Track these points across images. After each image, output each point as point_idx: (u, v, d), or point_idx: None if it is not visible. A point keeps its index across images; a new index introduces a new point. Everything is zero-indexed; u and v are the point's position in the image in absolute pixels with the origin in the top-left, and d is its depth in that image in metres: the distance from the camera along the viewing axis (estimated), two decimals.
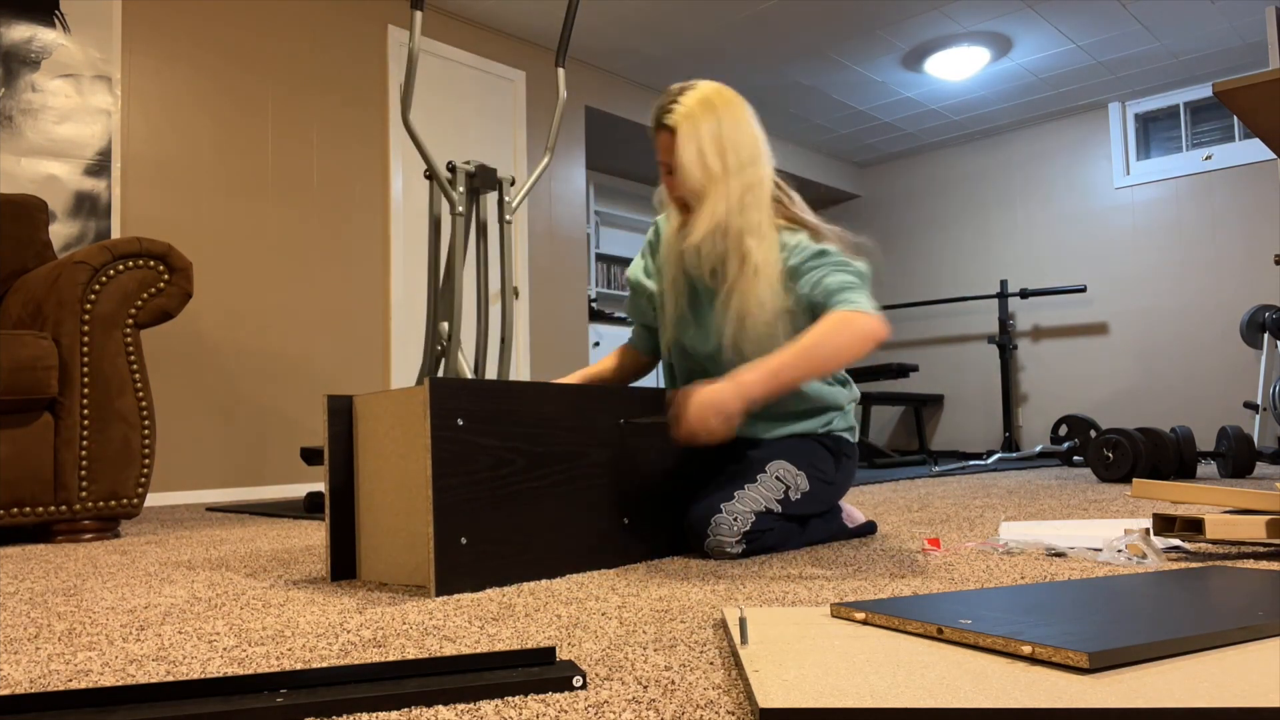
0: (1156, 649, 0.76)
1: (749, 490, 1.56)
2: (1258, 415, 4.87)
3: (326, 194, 3.96)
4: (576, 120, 5.08)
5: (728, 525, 1.51)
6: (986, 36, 4.92)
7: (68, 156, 3.24)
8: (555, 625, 1.04)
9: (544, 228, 4.86)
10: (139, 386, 2.22)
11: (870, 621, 0.92)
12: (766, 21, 4.69)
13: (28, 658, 0.95)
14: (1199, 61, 5.34)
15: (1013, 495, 2.82)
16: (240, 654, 0.94)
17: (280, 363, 3.77)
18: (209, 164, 3.62)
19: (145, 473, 2.22)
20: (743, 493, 1.55)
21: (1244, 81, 1.50)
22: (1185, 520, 1.47)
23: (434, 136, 4.36)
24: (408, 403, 1.34)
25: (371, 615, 1.13)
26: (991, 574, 1.34)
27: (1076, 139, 6.14)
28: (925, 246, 6.89)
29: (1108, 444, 3.48)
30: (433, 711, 0.71)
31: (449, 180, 2.42)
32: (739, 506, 1.53)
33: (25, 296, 2.27)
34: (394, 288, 4.14)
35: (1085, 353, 6.05)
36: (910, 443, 6.90)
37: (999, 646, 0.78)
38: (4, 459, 2.03)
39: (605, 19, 4.62)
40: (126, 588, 1.40)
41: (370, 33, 4.18)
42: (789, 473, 1.61)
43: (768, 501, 1.56)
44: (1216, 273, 5.55)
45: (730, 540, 1.51)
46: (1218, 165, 5.56)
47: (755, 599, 1.16)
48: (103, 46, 3.35)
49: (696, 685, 0.77)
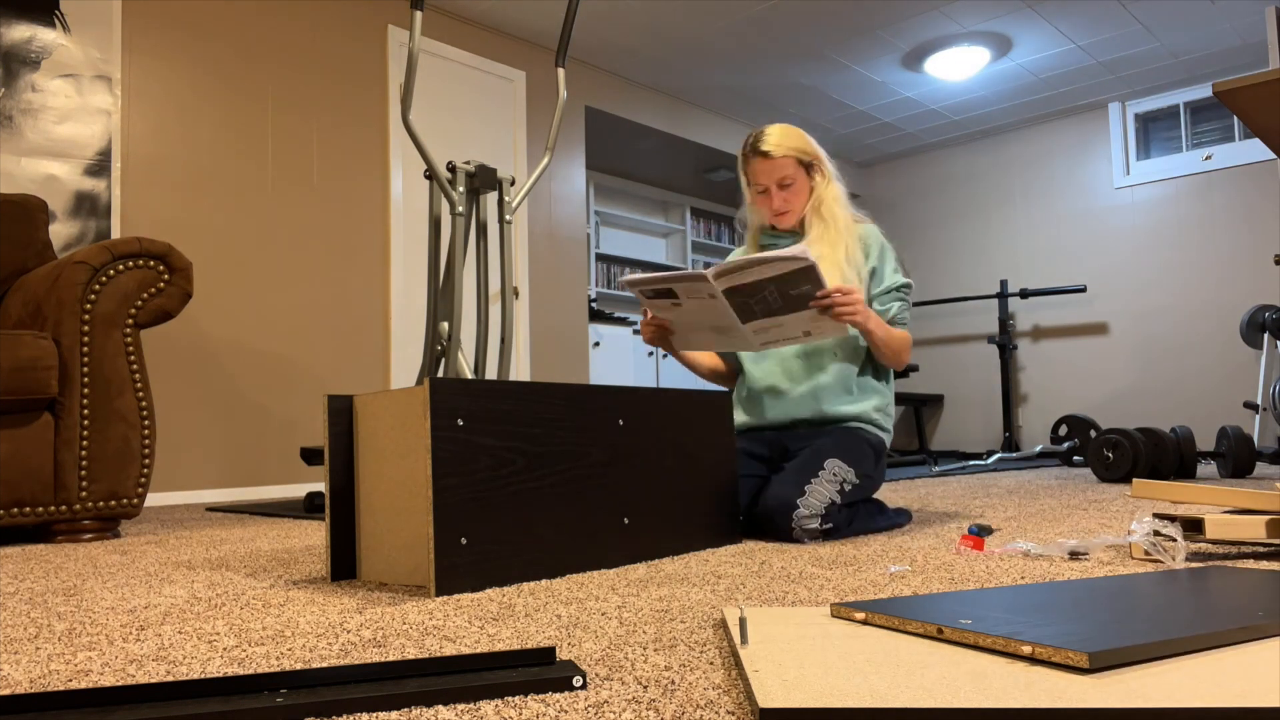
0: (1156, 649, 0.76)
1: (815, 484, 1.78)
2: (1258, 415, 4.87)
3: (326, 194, 3.96)
4: (576, 120, 5.08)
5: (809, 511, 1.74)
6: (986, 36, 4.92)
7: (68, 156, 3.24)
8: (555, 625, 1.04)
9: (544, 228, 4.86)
10: (139, 386, 2.22)
11: (870, 621, 0.92)
12: (766, 21, 4.69)
13: (28, 658, 0.95)
14: (1199, 61, 5.34)
15: (1013, 495, 2.82)
16: (240, 654, 0.94)
17: (280, 363, 3.77)
18: (209, 164, 3.62)
19: (145, 473, 2.22)
20: (812, 486, 1.78)
21: (1244, 81, 1.49)
22: (1185, 520, 1.47)
23: (434, 136, 4.36)
24: (408, 403, 1.34)
25: (371, 615, 1.13)
26: (991, 574, 1.34)
27: (1076, 139, 6.14)
28: (925, 246, 6.89)
29: (1108, 444, 3.48)
30: (433, 711, 0.71)
31: (449, 180, 2.42)
32: (813, 500, 1.76)
33: (25, 296, 2.27)
34: (394, 288, 4.14)
35: (1085, 353, 6.05)
36: (910, 442, 6.90)
37: (999, 646, 0.78)
38: (4, 459, 2.03)
39: (605, 19, 4.62)
40: (126, 588, 1.40)
41: (370, 33, 4.18)
42: (843, 468, 1.85)
43: (831, 493, 1.79)
44: (1216, 273, 5.55)
45: (814, 524, 1.73)
46: (1218, 165, 5.56)
47: (755, 599, 1.16)
48: (103, 46, 3.35)
49: (696, 685, 0.77)
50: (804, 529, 1.73)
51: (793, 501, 1.75)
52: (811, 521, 1.73)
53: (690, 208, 7.23)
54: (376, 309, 4.10)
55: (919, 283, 6.91)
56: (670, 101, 5.68)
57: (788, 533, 1.74)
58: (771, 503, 1.77)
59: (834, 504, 1.79)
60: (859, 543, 1.73)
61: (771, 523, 1.76)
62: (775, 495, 1.77)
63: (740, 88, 5.59)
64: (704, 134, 5.89)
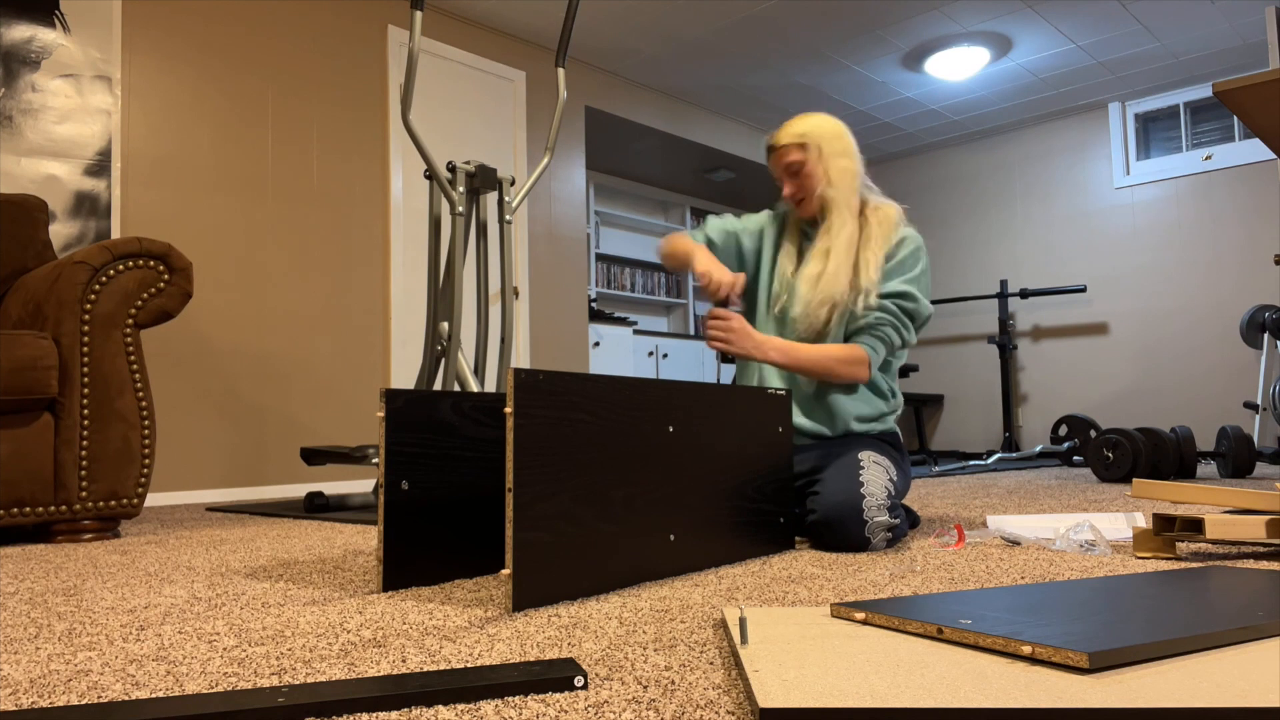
0: (1156, 649, 0.76)
1: (864, 477, 1.64)
2: (1258, 415, 4.87)
3: (326, 194, 3.96)
4: (576, 120, 5.08)
5: (877, 502, 1.59)
6: (986, 36, 4.92)
7: (68, 156, 3.24)
8: (555, 625, 1.04)
9: (544, 228, 4.86)
10: (139, 386, 2.22)
11: (870, 621, 0.92)
12: (766, 21, 4.69)
13: (28, 658, 0.95)
14: (1199, 61, 5.34)
15: (1012, 495, 2.82)
16: (240, 654, 0.94)
17: (280, 363, 3.77)
18: (209, 164, 3.62)
19: (145, 473, 2.22)
20: (865, 475, 1.64)
21: (1244, 81, 1.49)
22: (1185, 520, 1.47)
23: (434, 136, 4.36)
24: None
25: (371, 615, 1.13)
26: (991, 574, 1.34)
27: (1076, 139, 6.14)
28: (926, 246, 6.89)
29: (1108, 444, 3.48)
30: (433, 711, 0.71)
31: (449, 180, 2.42)
32: (875, 489, 1.61)
33: (25, 296, 2.27)
34: (394, 288, 4.14)
35: (1085, 353, 6.05)
36: (910, 442, 6.90)
37: (999, 646, 0.78)
38: (4, 459, 2.03)
39: (605, 19, 4.62)
40: (126, 588, 1.40)
41: (370, 33, 4.18)
42: (881, 460, 1.73)
43: (886, 483, 1.66)
44: (1216, 273, 5.55)
45: (885, 517, 1.58)
46: (1218, 165, 5.56)
47: (755, 599, 1.16)
48: (103, 46, 3.35)
49: (696, 685, 0.77)
50: (877, 523, 1.56)
51: (857, 494, 1.57)
52: (882, 514, 1.57)
53: (690, 208, 7.23)
54: (376, 309, 4.10)
55: None
56: (670, 101, 5.68)
57: (859, 536, 1.57)
58: (832, 507, 1.58)
59: (891, 494, 1.63)
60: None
61: (842, 527, 1.57)
62: (833, 497, 1.59)
63: (740, 88, 5.59)
64: (704, 134, 5.89)
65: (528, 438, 1.17)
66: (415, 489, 1.37)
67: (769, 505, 1.61)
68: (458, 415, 1.45)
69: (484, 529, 1.48)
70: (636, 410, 1.35)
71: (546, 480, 1.19)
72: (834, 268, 1.82)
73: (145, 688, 0.81)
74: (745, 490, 1.56)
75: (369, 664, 0.88)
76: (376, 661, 0.89)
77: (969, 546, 1.63)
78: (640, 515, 1.34)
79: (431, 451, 1.40)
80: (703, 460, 1.47)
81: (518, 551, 1.14)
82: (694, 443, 1.46)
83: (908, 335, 1.85)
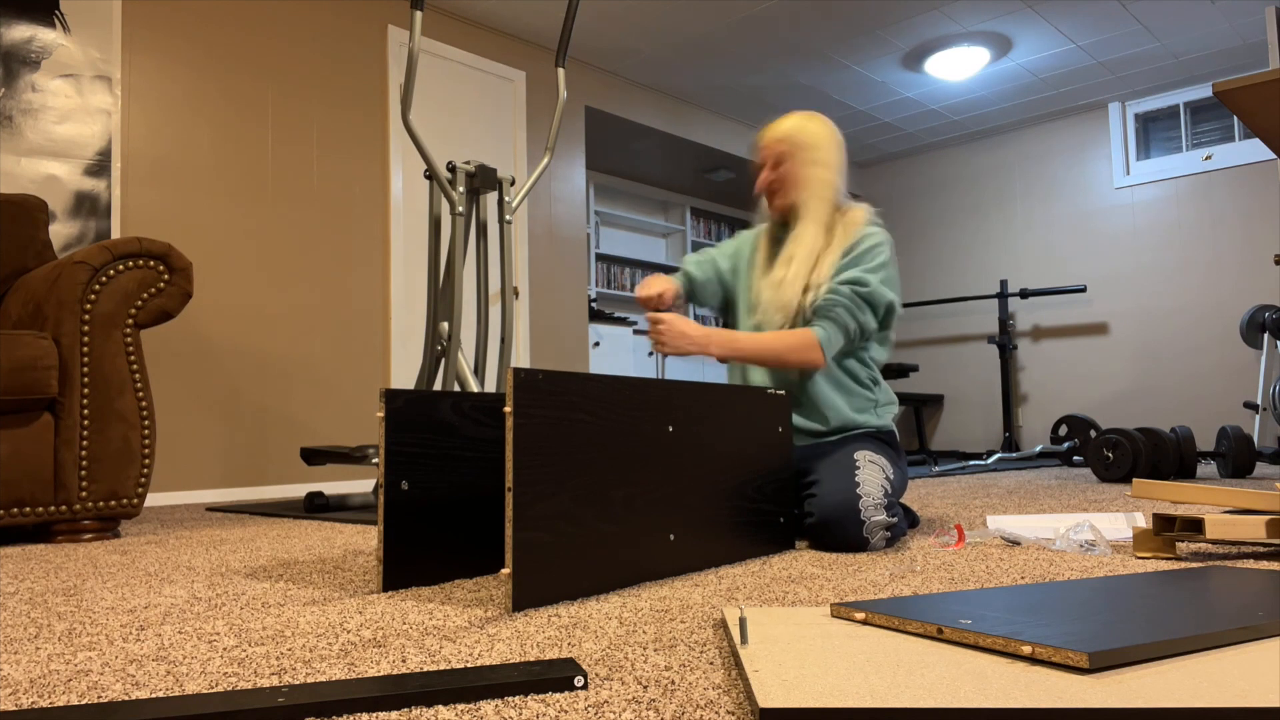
0: (1156, 649, 0.76)
1: (860, 477, 1.64)
2: (1258, 415, 4.87)
3: (326, 194, 3.96)
4: (576, 120, 5.08)
5: (874, 501, 1.59)
6: (986, 36, 4.92)
7: (68, 156, 3.24)
8: (555, 625, 1.04)
9: (544, 228, 4.86)
10: (139, 386, 2.22)
11: (870, 621, 0.92)
12: (766, 21, 4.69)
13: (28, 658, 0.95)
14: (1199, 61, 5.34)
15: (1012, 495, 2.82)
16: (240, 654, 0.94)
17: (280, 363, 3.77)
18: (209, 164, 3.62)
19: (145, 473, 2.22)
20: (860, 475, 1.64)
21: (1244, 81, 1.49)
22: (1185, 520, 1.47)
23: (434, 136, 4.36)
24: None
25: (371, 615, 1.13)
26: (991, 574, 1.34)
27: (1076, 139, 6.14)
28: (925, 247, 6.89)
29: (1108, 444, 3.48)
30: (433, 711, 0.71)
31: (449, 180, 2.42)
32: (870, 489, 1.61)
33: (25, 296, 2.27)
34: (394, 288, 4.14)
35: (1085, 353, 6.05)
36: (910, 443, 6.90)
37: (999, 646, 0.78)
38: (4, 459, 2.03)
39: (605, 19, 4.62)
40: (126, 588, 1.40)
41: (370, 33, 4.18)
42: (877, 459, 1.72)
43: (882, 482, 1.65)
44: (1216, 273, 5.55)
45: (882, 515, 1.58)
46: (1218, 165, 5.56)
47: (755, 599, 1.16)
48: (103, 46, 3.35)
49: (696, 685, 0.77)
50: (874, 522, 1.57)
51: (853, 495, 1.58)
52: (879, 513, 1.58)
53: (690, 208, 7.23)
54: (376, 309, 4.10)
55: (919, 283, 6.91)
56: (670, 101, 5.68)
57: (858, 536, 1.57)
58: (829, 508, 1.58)
59: (887, 493, 1.63)
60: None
61: (840, 529, 1.57)
62: (830, 498, 1.59)
63: (740, 88, 5.59)
64: (704, 134, 5.89)
65: (527, 438, 1.17)
66: (415, 489, 1.37)
67: (769, 505, 1.61)
68: (458, 415, 1.45)
69: (484, 529, 1.48)
70: (636, 410, 1.35)
71: (546, 480, 1.19)
72: (793, 274, 1.83)
73: (145, 688, 0.81)
74: (745, 490, 1.56)
75: (369, 664, 0.88)
76: (376, 661, 0.89)
77: (969, 546, 1.63)
78: (640, 515, 1.34)
79: (431, 451, 1.40)
80: (702, 460, 1.47)
81: (518, 551, 1.14)
82: (694, 443, 1.46)
83: (864, 319, 1.79)
